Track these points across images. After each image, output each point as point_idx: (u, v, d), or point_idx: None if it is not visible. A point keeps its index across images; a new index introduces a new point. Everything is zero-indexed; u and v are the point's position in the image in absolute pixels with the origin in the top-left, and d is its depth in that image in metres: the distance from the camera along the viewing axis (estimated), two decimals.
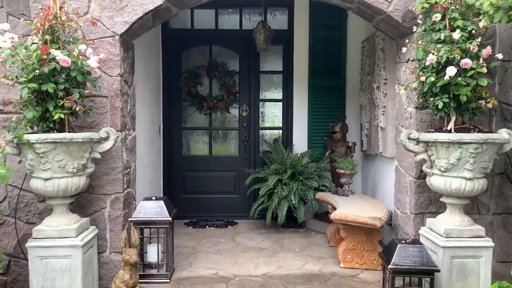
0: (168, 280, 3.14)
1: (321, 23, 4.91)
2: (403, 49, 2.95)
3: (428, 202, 3.07)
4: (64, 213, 2.73)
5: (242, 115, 5.16)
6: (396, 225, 3.49)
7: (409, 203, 3.15)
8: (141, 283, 3.00)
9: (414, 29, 2.78)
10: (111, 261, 3.06)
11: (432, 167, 2.73)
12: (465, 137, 2.49)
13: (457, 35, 2.49)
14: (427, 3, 2.64)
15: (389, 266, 2.49)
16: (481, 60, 2.51)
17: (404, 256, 2.50)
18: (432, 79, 2.55)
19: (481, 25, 2.51)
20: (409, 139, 2.74)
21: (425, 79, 2.59)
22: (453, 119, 2.64)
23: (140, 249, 3.09)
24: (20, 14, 3.10)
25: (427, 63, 2.56)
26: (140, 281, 2.93)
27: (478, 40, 2.51)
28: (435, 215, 2.93)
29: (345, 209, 3.49)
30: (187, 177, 5.16)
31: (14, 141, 2.52)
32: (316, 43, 4.93)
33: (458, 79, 2.47)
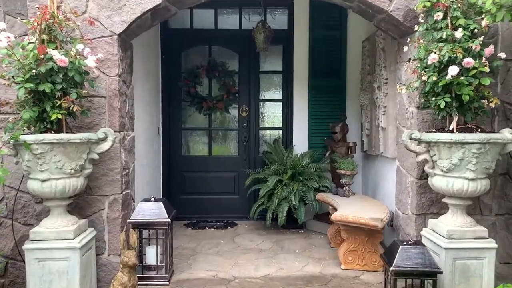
0: (167, 282, 3.11)
1: (321, 22, 4.89)
2: (404, 48, 2.93)
3: (429, 203, 3.04)
4: (61, 214, 2.70)
5: (241, 115, 5.13)
6: (397, 226, 3.47)
7: (411, 204, 3.12)
8: (140, 285, 2.97)
9: (415, 28, 2.76)
10: (110, 263, 3.04)
11: (434, 168, 2.71)
12: (468, 137, 2.46)
13: (459, 34, 2.46)
14: (429, 2, 2.62)
15: (391, 268, 2.47)
16: (483, 59, 2.49)
17: (406, 257, 2.48)
18: (434, 78, 2.52)
19: (484, 23, 2.49)
20: (411, 139, 2.72)
21: (427, 79, 2.57)
22: (455, 119, 2.61)
23: (138, 251, 3.06)
24: (17, 13, 3.08)
25: (429, 62, 2.54)
26: (139, 283, 2.90)
27: (480, 39, 2.48)
28: (437, 216, 2.90)
29: (346, 210, 3.46)
30: (186, 177, 5.13)
31: (10, 142, 2.49)
32: (316, 43, 4.90)
33: (460, 78, 2.45)
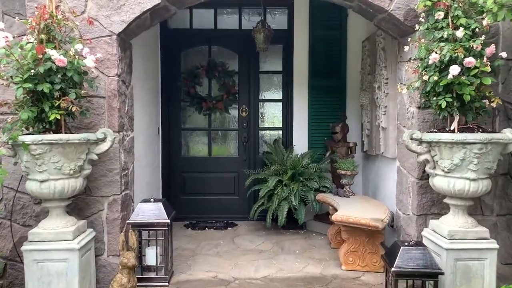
0: (167, 283, 3.09)
1: (321, 22, 4.87)
2: (405, 48, 2.91)
3: (430, 203, 3.03)
4: (60, 215, 2.68)
5: (241, 115, 5.11)
6: (398, 226, 3.45)
7: (412, 204, 3.11)
8: (140, 287, 2.96)
9: (416, 27, 2.74)
10: (109, 264, 3.02)
11: (435, 168, 2.69)
12: (469, 137, 2.45)
13: (461, 33, 2.45)
14: (430, 1, 2.61)
15: (392, 269, 2.45)
16: (484, 58, 2.48)
17: (407, 258, 2.46)
18: (435, 78, 2.51)
19: (485, 23, 2.47)
20: (412, 139, 2.70)
21: (428, 78, 2.56)
22: (456, 118, 2.60)
23: (138, 252, 3.04)
24: (16, 13, 3.06)
25: (430, 62, 2.52)
26: (138, 285, 2.89)
27: (481, 38, 2.46)
28: (438, 216, 2.89)
29: (346, 211, 3.45)
30: (186, 178, 5.11)
31: (9, 143, 2.48)
32: (316, 42, 4.89)
33: (461, 78, 2.43)
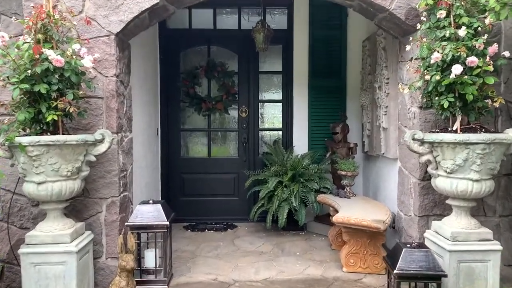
0: (166, 286, 3.06)
1: (321, 22, 4.84)
2: (406, 47, 2.87)
3: (433, 204, 3.00)
4: (58, 218, 2.65)
5: (241, 116, 5.08)
6: (399, 228, 3.42)
7: (413, 205, 3.08)
8: None
9: (417, 26, 2.72)
10: (107, 267, 2.99)
11: (437, 169, 2.66)
12: (472, 137, 2.42)
13: (463, 32, 2.42)
14: (431, 0, 2.58)
15: (395, 271, 2.42)
16: (487, 58, 2.44)
17: (409, 260, 2.43)
18: (437, 77, 2.48)
19: (487, 22, 2.45)
20: (414, 139, 2.67)
21: (430, 78, 2.53)
22: (458, 119, 2.57)
23: (137, 255, 3.00)
24: (12, 13, 3.03)
25: (431, 62, 2.49)
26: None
27: (484, 37, 2.43)
28: (440, 217, 2.86)
29: (347, 212, 3.41)
30: (185, 179, 5.07)
31: (5, 144, 2.45)
32: (316, 42, 4.86)
33: (464, 77, 2.41)
